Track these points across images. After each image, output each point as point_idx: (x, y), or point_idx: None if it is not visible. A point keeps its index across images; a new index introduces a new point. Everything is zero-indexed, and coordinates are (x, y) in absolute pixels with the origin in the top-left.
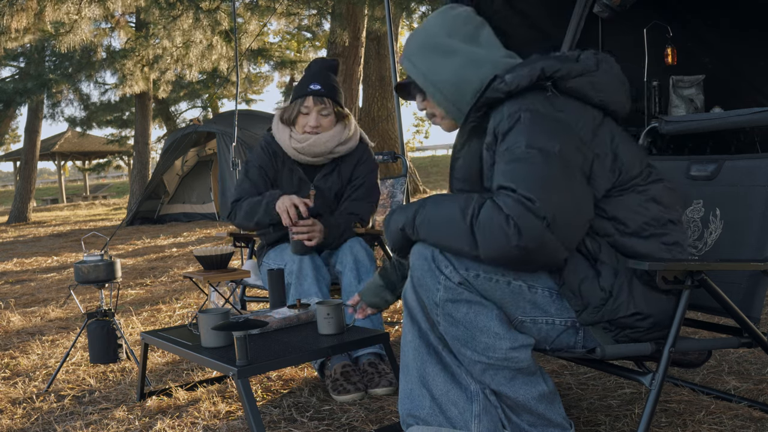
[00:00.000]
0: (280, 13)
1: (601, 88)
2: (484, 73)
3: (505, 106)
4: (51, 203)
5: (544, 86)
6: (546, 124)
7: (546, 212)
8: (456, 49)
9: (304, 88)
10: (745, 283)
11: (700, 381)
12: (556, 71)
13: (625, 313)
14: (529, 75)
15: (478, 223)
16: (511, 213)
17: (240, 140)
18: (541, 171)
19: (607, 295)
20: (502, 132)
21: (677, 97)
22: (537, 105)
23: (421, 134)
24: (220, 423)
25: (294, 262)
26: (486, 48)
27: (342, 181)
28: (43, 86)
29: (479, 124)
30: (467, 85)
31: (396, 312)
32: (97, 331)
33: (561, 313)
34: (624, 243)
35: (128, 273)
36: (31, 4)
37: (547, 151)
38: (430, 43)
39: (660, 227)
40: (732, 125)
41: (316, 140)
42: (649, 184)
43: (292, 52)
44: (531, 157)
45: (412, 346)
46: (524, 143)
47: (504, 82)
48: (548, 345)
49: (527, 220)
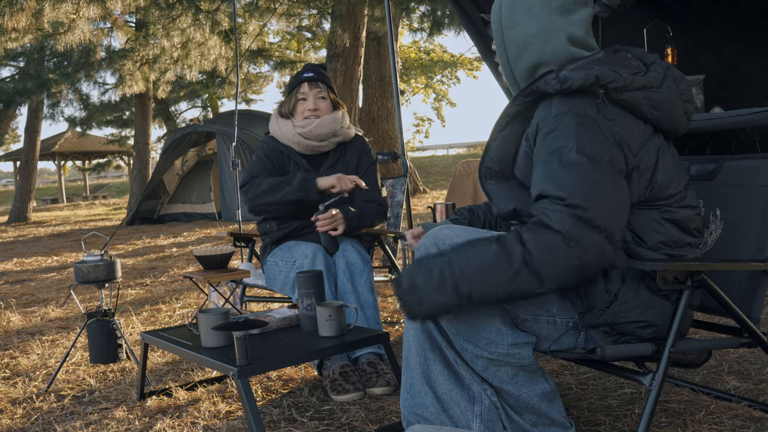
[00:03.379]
0: (280, 14)
1: (658, 106)
2: (548, 48)
3: (554, 101)
4: (51, 203)
5: (597, 93)
6: (595, 130)
7: (600, 221)
8: (539, 15)
9: (298, 77)
10: (745, 283)
11: (700, 381)
12: (611, 82)
13: (628, 319)
14: (584, 79)
15: (533, 259)
16: (565, 229)
17: (240, 140)
18: (593, 179)
19: (611, 299)
20: (546, 130)
21: None
22: (587, 110)
23: (421, 134)
24: (220, 423)
25: (306, 258)
26: (570, 25)
27: (348, 171)
28: (42, 86)
29: (525, 109)
30: (527, 53)
31: (396, 312)
32: (97, 331)
33: (563, 313)
34: (637, 251)
35: (128, 273)
36: (30, 4)
37: (598, 159)
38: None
39: (677, 248)
40: (732, 125)
41: (320, 122)
42: (679, 208)
43: (292, 52)
44: (581, 164)
45: (416, 342)
46: (574, 149)
47: (557, 79)
48: (549, 345)
49: (584, 232)
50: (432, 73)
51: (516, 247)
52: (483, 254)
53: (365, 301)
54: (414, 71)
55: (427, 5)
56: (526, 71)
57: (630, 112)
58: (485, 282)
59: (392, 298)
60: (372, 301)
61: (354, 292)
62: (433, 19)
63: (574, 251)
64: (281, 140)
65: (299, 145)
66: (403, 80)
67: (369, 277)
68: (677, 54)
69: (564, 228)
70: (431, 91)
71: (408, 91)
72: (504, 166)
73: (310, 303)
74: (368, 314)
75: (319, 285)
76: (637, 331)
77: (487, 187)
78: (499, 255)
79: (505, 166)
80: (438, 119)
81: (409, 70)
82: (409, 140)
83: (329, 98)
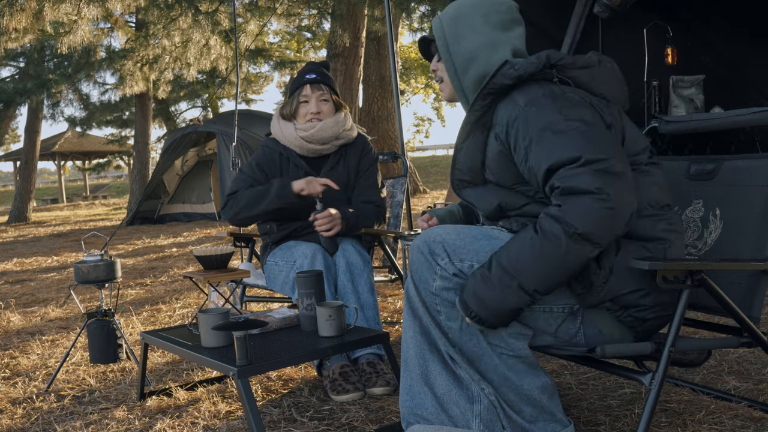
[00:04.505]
0: (280, 14)
1: (601, 81)
2: (494, 59)
3: (514, 95)
4: (51, 203)
5: (550, 75)
6: (569, 99)
7: (619, 167)
8: (482, 30)
9: (300, 79)
10: (745, 283)
11: (700, 381)
12: (560, 59)
13: (628, 289)
14: (536, 61)
15: (574, 227)
16: (593, 186)
17: (240, 140)
18: (595, 134)
19: (608, 273)
20: (523, 119)
21: (677, 97)
22: (551, 89)
23: (421, 134)
24: (220, 423)
25: (306, 258)
26: (512, 39)
27: (349, 172)
28: (42, 86)
29: (483, 115)
30: (475, 64)
31: (396, 312)
32: (97, 331)
33: (557, 299)
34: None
35: (128, 273)
36: (31, 4)
37: (586, 119)
38: (464, 14)
39: (659, 209)
40: (732, 125)
41: (322, 125)
42: (650, 165)
43: (292, 52)
44: (576, 127)
45: (414, 343)
46: (561, 118)
47: (513, 68)
48: (550, 337)
49: (610, 181)
50: (432, 73)
51: (553, 226)
52: (528, 247)
53: (365, 301)
54: (414, 71)
55: (427, 5)
56: (474, 82)
57: (582, 89)
58: (543, 271)
59: (392, 297)
60: (372, 301)
61: (354, 292)
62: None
63: (606, 202)
64: (282, 142)
65: (301, 148)
66: (403, 80)
67: (369, 278)
68: (677, 54)
69: (591, 185)
70: (431, 91)
71: (408, 91)
72: (474, 175)
73: (310, 303)
74: (368, 314)
75: (319, 285)
76: (640, 302)
77: (465, 196)
78: (542, 241)
79: (476, 174)
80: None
81: (409, 70)
82: (409, 140)
83: (332, 100)
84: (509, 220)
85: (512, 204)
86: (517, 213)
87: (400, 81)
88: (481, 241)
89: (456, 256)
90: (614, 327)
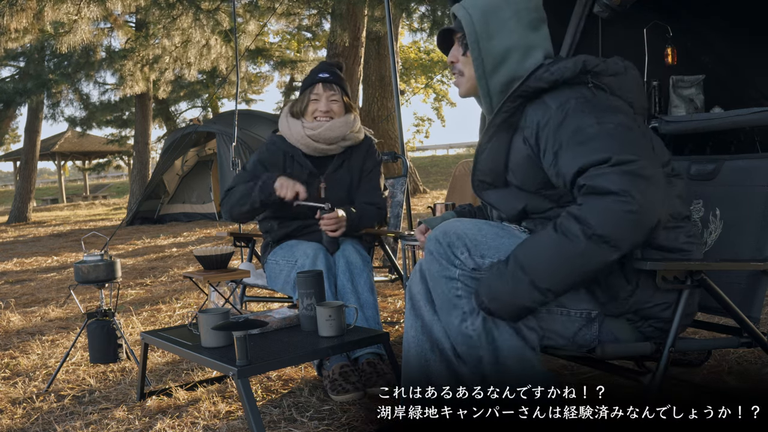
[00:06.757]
0: (280, 14)
1: (628, 89)
2: (527, 63)
3: (547, 98)
4: (51, 203)
5: (585, 80)
6: (601, 103)
7: (648, 171)
8: (515, 29)
9: (313, 77)
10: (745, 283)
11: (700, 381)
12: (596, 66)
13: (652, 303)
14: (573, 66)
15: (593, 228)
16: (618, 187)
17: (240, 140)
18: (627, 136)
19: (633, 287)
20: (555, 123)
21: (677, 97)
22: (584, 93)
23: (421, 134)
24: (220, 423)
25: (307, 258)
26: (544, 41)
27: (352, 174)
28: (43, 86)
29: (511, 116)
30: (506, 66)
31: (396, 312)
32: (97, 331)
33: (576, 304)
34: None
35: (128, 273)
36: (31, 5)
37: (620, 122)
38: (494, 8)
39: (680, 221)
40: (732, 125)
41: (330, 125)
42: (674, 177)
43: (292, 52)
44: (607, 129)
45: (415, 343)
46: (594, 122)
47: (549, 71)
48: (567, 341)
49: (637, 184)
50: (432, 73)
51: (572, 225)
52: (545, 245)
53: (365, 301)
54: (414, 71)
55: (427, 5)
56: (502, 84)
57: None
58: (559, 270)
59: (392, 298)
60: (372, 301)
61: (354, 292)
62: (433, 19)
63: (628, 205)
64: (289, 140)
65: (307, 147)
66: (403, 80)
67: (369, 277)
68: (677, 54)
69: (616, 186)
70: (431, 91)
71: (408, 91)
72: (495, 177)
73: (310, 303)
74: (368, 314)
75: (319, 285)
76: (661, 314)
77: (486, 197)
78: (560, 240)
79: (497, 176)
80: (438, 119)
81: (409, 70)
82: (409, 140)
83: (342, 101)
84: (533, 221)
85: (537, 208)
86: (541, 217)
87: (400, 81)
88: (503, 239)
89: (477, 252)
90: (631, 335)
